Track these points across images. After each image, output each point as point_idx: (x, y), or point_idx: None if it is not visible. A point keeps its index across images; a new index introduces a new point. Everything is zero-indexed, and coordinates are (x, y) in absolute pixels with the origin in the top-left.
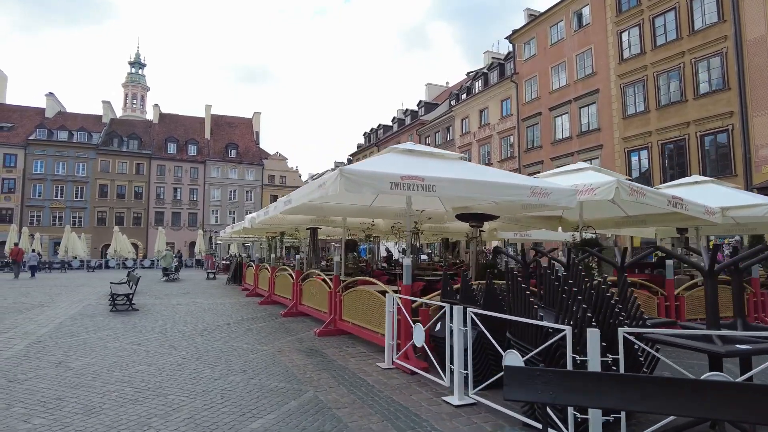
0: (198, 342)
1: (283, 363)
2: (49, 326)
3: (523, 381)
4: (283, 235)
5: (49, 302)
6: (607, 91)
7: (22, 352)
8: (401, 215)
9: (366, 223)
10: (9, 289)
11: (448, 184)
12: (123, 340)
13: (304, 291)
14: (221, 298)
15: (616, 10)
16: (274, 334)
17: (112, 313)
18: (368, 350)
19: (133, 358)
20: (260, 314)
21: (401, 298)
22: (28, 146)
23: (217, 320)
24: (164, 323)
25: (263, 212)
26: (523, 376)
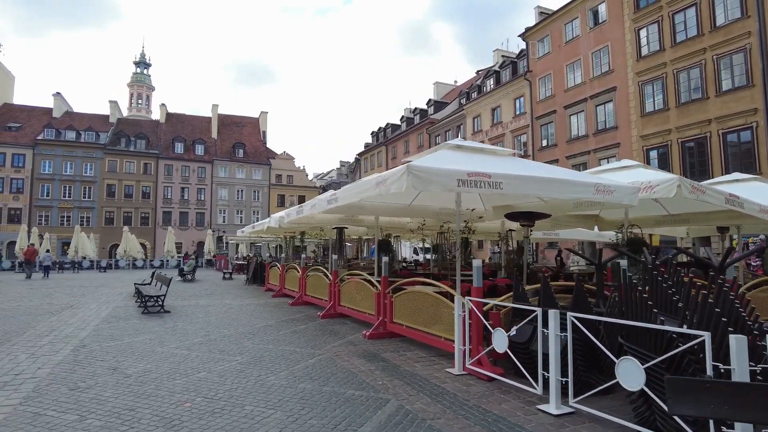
0: (247, 346)
1: (347, 368)
2: (86, 329)
3: (691, 393)
4: (303, 235)
5: (76, 304)
6: (624, 89)
7: (71, 357)
8: (440, 214)
9: (395, 222)
10: (30, 289)
11: (516, 181)
12: (169, 344)
13: (342, 292)
14: (248, 299)
15: (633, 7)
16: (321, 337)
17: (144, 316)
18: (428, 354)
19: (188, 365)
20: (296, 316)
21: (473, 301)
22: (36, 146)
23: (256, 322)
24: (203, 326)
25: (294, 211)
26: (691, 388)
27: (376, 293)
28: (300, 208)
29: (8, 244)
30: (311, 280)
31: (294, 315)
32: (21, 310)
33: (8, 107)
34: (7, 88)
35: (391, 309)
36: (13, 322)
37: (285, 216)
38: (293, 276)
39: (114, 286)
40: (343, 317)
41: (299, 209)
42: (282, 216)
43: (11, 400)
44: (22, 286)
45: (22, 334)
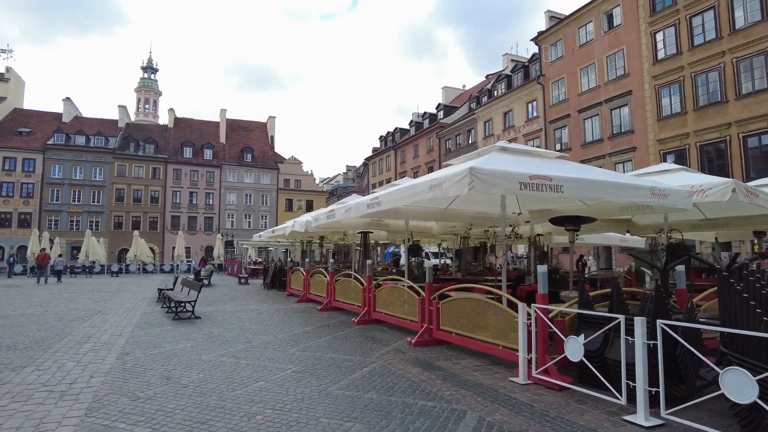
0: (294, 354)
1: (406, 377)
2: (122, 336)
3: None
4: (323, 240)
5: (103, 309)
6: (640, 93)
7: (119, 365)
8: (476, 218)
9: (418, 226)
10: (51, 294)
11: (577, 184)
12: (213, 351)
13: (378, 298)
14: (273, 305)
15: (649, 10)
16: (365, 344)
17: (176, 322)
18: (482, 362)
19: (242, 374)
20: (330, 322)
21: (540, 308)
22: (46, 151)
23: (292, 328)
24: (240, 332)
25: (324, 215)
26: None
27: (419, 300)
28: (331, 211)
29: (19, 248)
30: (340, 286)
31: (326, 321)
32: (50, 316)
33: (19, 112)
34: (17, 94)
35: (437, 316)
36: (48, 328)
37: (312, 220)
38: (319, 281)
39: (132, 291)
40: (379, 323)
41: (330, 213)
42: (309, 220)
43: (75, 411)
44: (41, 291)
45: (60, 340)
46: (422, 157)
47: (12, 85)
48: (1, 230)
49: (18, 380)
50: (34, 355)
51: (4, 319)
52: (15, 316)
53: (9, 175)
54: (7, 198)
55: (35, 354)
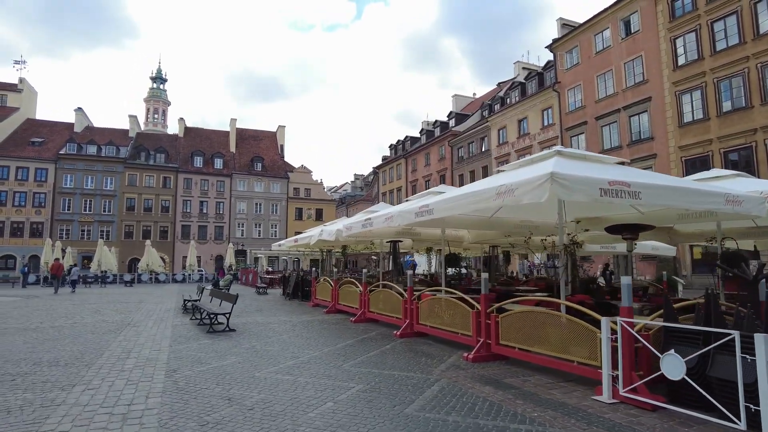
0: (350, 370)
1: (482, 396)
2: (162, 351)
3: None
4: (345, 249)
5: (132, 321)
6: (660, 99)
7: (171, 384)
8: (521, 227)
9: (449, 235)
10: (74, 305)
11: (655, 191)
12: (263, 368)
13: (422, 310)
14: (302, 316)
15: (669, 16)
16: (417, 359)
17: (211, 335)
18: (553, 379)
19: (305, 393)
20: (369, 334)
21: (625, 322)
22: (58, 160)
23: (333, 341)
24: (283, 346)
25: (360, 223)
26: None
27: (473, 313)
28: (367, 220)
29: (30, 257)
30: (374, 297)
31: (365, 333)
32: (81, 328)
33: (31, 122)
34: (30, 104)
35: (496, 330)
36: (83, 341)
37: (344, 229)
38: (348, 292)
39: (153, 301)
40: (422, 336)
41: (366, 221)
42: (340, 229)
43: None
44: (64, 302)
45: (99, 355)
46: (434, 166)
47: (25, 95)
48: (14, 239)
49: (71, 400)
50: (78, 372)
51: (36, 331)
52: (45, 329)
53: (21, 184)
54: (20, 207)
55: (79, 371)
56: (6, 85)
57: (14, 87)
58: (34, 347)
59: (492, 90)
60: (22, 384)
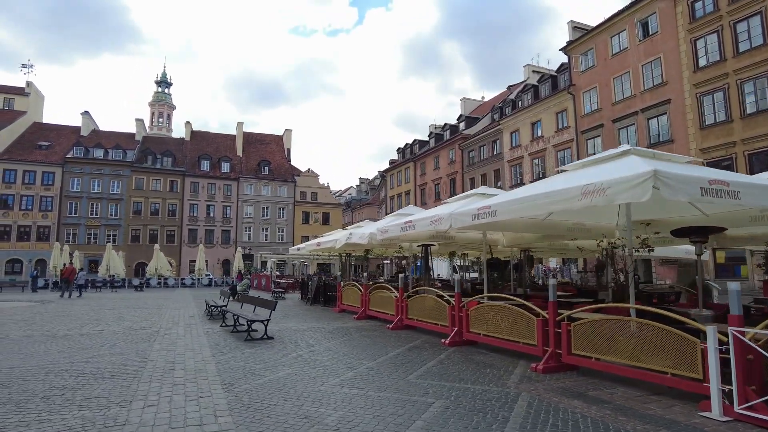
0: (418, 383)
1: (577, 412)
2: (207, 361)
3: None
4: (368, 253)
5: (161, 328)
6: (680, 101)
7: (236, 401)
8: (573, 230)
9: (473, 239)
10: (92, 310)
11: (755, 191)
12: (324, 380)
13: (474, 318)
14: (334, 322)
15: (689, 17)
16: (482, 370)
17: (250, 343)
18: (641, 392)
19: (385, 410)
20: (415, 342)
21: (737, 332)
22: (65, 164)
23: (380, 351)
24: (332, 355)
25: (398, 227)
26: None
27: (539, 321)
28: (409, 222)
29: (37, 261)
30: (412, 303)
31: (409, 341)
32: (111, 336)
33: (38, 126)
34: (37, 108)
35: (567, 339)
36: (119, 351)
37: (378, 232)
38: (382, 297)
39: (173, 307)
40: (472, 344)
41: (407, 224)
42: (374, 232)
43: None
44: (80, 307)
45: (143, 366)
46: (443, 169)
47: (32, 99)
48: (20, 243)
49: (135, 419)
50: (128, 385)
51: (66, 339)
52: (74, 336)
53: (29, 188)
54: (27, 211)
55: (128, 384)
56: (13, 88)
57: (21, 91)
58: (70, 357)
59: (502, 93)
60: (74, 399)
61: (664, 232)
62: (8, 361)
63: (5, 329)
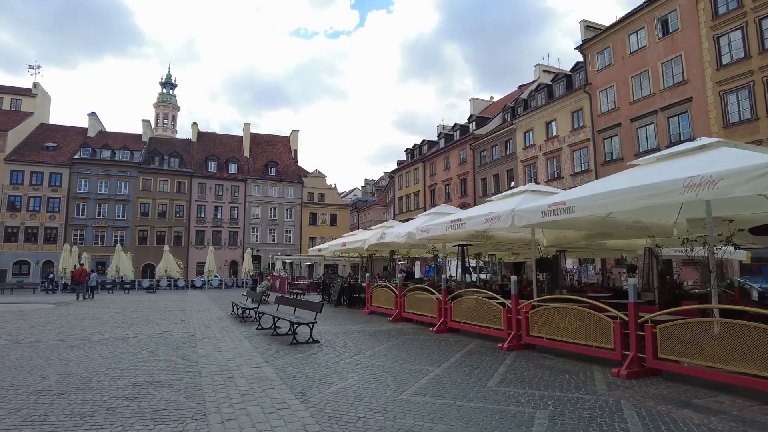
0: (503, 391)
1: (698, 423)
2: (262, 367)
3: None
4: (393, 254)
5: (196, 332)
6: (702, 99)
7: (318, 413)
8: (633, 228)
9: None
10: (117, 314)
11: None
12: (402, 389)
13: (534, 321)
14: (369, 325)
15: (711, 14)
16: (558, 376)
17: (296, 347)
18: (748, 400)
19: (489, 423)
20: (468, 346)
21: None
22: (72, 165)
23: (438, 355)
24: (393, 361)
25: (443, 225)
26: None
27: (617, 323)
28: (456, 221)
29: (44, 263)
30: (459, 305)
31: (461, 345)
32: (147, 340)
33: (45, 127)
34: (43, 109)
35: (653, 343)
36: (164, 356)
37: (418, 231)
38: (420, 299)
39: (196, 309)
40: (530, 348)
41: (454, 222)
42: (412, 231)
43: None
44: (101, 310)
45: (197, 373)
46: (454, 169)
47: (39, 100)
48: (28, 245)
49: None
50: (192, 395)
51: (102, 344)
52: (110, 341)
53: (36, 189)
54: (34, 213)
55: (192, 393)
56: (20, 90)
57: (28, 92)
58: (116, 363)
59: (512, 93)
60: (142, 412)
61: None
62: (53, 367)
63: (37, 333)
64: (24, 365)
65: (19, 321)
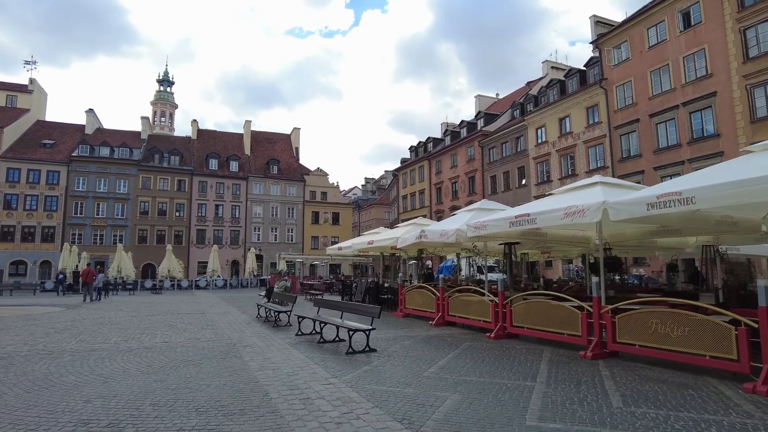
0: (641, 413)
1: None
2: (334, 384)
3: None
4: (421, 253)
5: (232, 339)
6: (727, 94)
7: None
8: (721, 223)
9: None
10: (134, 318)
11: None
12: (521, 415)
13: (623, 326)
14: (412, 329)
15: (737, 6)
16: (678, 391)
17: (355, 356)
18: None
19: None
20: (545, 356)
21: None
22: (70, 163)
23: (524, 368)
24: (478, 375)
25: (505, 221)
26: None
27: (741, 331)
28: (522, 216)
29: (41, 263)
30: (519, 309)
31: (535, 354)
32: (183, 351)
33: (42, 124)
34: (40, 106)
35: None
36: (214, 372)
37: (470, 229)
38: (468, 302)
39: (215, 312)
40: (615, 356)
41: (520, 218)
42: (462, 229)
43: None
44: (115, 312)
45: (265, 394)
46: (461, 167)
47: (35, 96)
48: (25, 244)
49: None
50: (277, 425)
51: (134, 355)
52: (139, 351)
53: (33, 188)
54: (31, 211)
55: (275, 421)
56: (16, 86)
57: (24, 88)
58: (162, 381)
59: (521, 89)
60: None
61: None
62: (91, 386)
63: (56, 341)
64: (55, 383)
65: (30, 326)
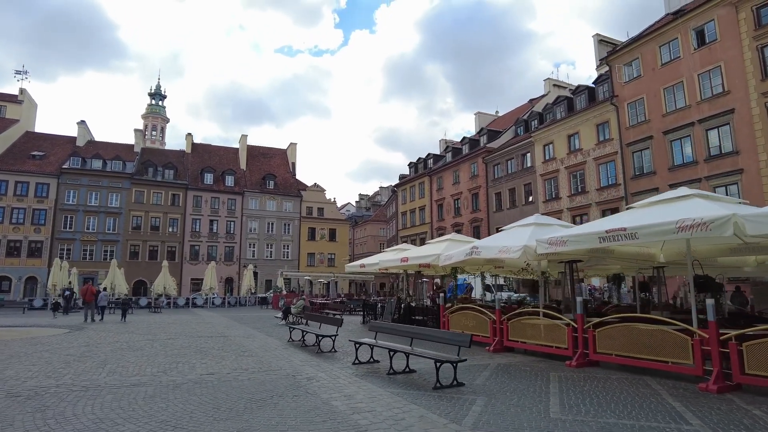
0: None
1: None
2: (414, 426)
3: None
4: (456, 271)
5: (283, 369)
6: (745, 111)
7: None
8: None
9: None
10: (152, 341)
11: None
12: None
13: (754, 353)
14: (472, 357)
15: (754, 24)
16: None
17: (447, 392)
18: None
19: None
20: (649, 388)
21: None
22: (61, 175)
23: (650, 405)
24: (602, 417)
25: (595, 238)
26: None
27: None
28: (620, 230)
29: (27, 279)
30: (604, 334)
31: (633, 385)
32: (241, 385)
33: (31, 135)
34: (30, 117)
35: None
36: (302, 417)
37: (542, 245)
38: (532, 326)
39: (236, 335)
40: (739, 389)
41: (616, 233)
42: (529, 245)
43: None
44: (128, 335)
45: None
46: (464, 183)
47: (25, 107)
48: (10, 260)
49: None
50: None
51: (184, 391)
52: (188, 385)
53: (20, 200)
54: (18, 225)
55: None
56: (5, 96)
57: (14, 98)
58: (248, 430)
59: (523, 106)
60: None
61: None
62: None
63: (82, 372)
64: None
65: (42, 353)
